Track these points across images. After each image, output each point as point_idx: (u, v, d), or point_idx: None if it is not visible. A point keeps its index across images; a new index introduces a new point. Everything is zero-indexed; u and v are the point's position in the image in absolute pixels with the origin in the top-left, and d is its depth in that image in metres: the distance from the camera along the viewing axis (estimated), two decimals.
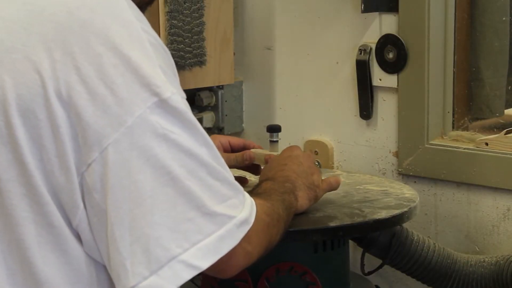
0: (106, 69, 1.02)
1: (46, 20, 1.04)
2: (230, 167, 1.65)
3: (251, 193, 1.30)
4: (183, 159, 1.04)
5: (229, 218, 1.07)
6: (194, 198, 1.04)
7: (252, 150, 1.65)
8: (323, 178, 1.53)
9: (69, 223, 1.06)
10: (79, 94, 1.01)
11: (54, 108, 1.02)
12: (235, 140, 1.69)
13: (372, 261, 1.82)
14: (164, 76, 1.04)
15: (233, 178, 1.11)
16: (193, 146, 1.05)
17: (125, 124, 1.01)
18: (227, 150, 1.67)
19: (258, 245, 1.15)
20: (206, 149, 1.07)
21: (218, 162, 1.08)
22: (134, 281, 1.02)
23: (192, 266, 1.04)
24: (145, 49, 1.04)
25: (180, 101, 1.05)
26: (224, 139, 1.68)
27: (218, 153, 1.09)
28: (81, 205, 1.04)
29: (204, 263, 1.04)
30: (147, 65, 1.03)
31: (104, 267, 1.08)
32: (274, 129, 1.78)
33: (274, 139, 1.78)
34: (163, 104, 1.03)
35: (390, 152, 2.01)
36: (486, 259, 1.77)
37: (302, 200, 1.44)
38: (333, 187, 1.55)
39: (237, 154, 1.65)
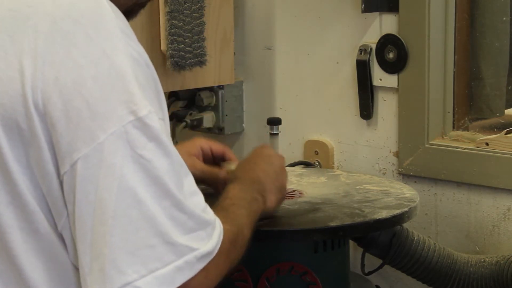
0: (85, 82, 1.01)
1: (30, 29, 1.03)
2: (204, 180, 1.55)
3: (218, 205, 1.24)
4: (150, 185, 1.02)
5: (190, 250, 1.04)
6: (157, 225, 1.02)
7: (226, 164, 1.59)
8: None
9: (56, 229, 1.05)
10: (54, 105, 1.01)
11: (33, 118, 1.01)
12: (217, 147, 1.62)
13: (372, 261, 1.82)
14: (142, 94, 1.02)
15: (205, 207, 1.08)
16: (162, 174, 1.02)
17: (97, 139, 1.00)
18: (208, 156, 1.61)
19: (215, 276, 1.11)
20: (176, 179, 1.04)
21: (189, 192, 1.06)
22: None
23: None
24: (127, 64, 1.02)
25: (156, 122, 1.03)
26: (206, 145, 1.61)
27: (190, 181, 1.07)
28: (65, 212, 1.04)
29: None
30: (127, 81, 1.02)
31: None
32: (274, 122, 1.79)
33: (274, 132, 1.78)
34: (139, 124, 1.01)
35: (390, 152, 2.01)
36: (487, 259, 1.77)
37: (271, 203, 1.41)
38: None
39: (213, 172, 1.56)
